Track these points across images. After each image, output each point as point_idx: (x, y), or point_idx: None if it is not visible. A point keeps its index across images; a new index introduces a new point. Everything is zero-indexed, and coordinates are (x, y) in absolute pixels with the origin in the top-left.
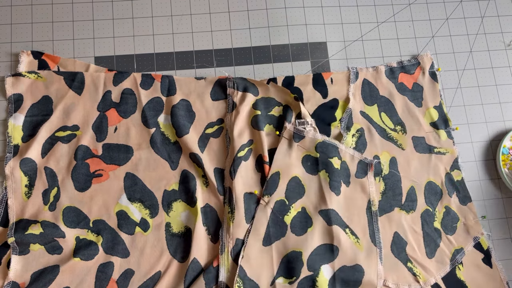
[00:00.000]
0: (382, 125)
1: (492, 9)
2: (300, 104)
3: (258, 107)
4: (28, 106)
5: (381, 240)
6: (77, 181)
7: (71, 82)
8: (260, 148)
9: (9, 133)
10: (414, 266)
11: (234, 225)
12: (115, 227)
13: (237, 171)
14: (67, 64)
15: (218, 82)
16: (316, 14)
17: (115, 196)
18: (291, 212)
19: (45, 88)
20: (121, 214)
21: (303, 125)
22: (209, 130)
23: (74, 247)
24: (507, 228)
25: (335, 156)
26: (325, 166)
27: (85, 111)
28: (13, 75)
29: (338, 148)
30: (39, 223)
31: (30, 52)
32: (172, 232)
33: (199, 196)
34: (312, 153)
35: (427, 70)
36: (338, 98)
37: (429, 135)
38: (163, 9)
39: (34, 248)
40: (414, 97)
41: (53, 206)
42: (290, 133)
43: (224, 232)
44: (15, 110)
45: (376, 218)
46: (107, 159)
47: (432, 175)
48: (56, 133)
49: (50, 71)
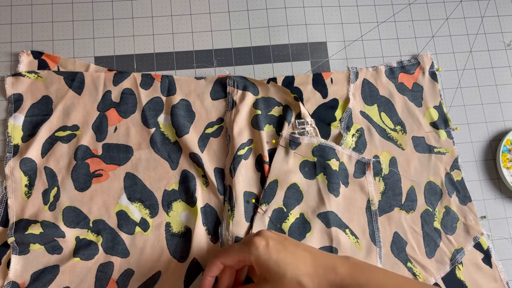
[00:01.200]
0: (382, 125)
1: (492, 9)
2: (300, 104)
3: (259, 107)
4: (28, 106)
5: (381, 239)
6: (77, 181)
7: (71, 82)
8: (259, 148)
9: (9, 133)
10: (414, 266)
11: (233, 223)
12: (115, 227)
13: (237, 169)
14: (67, 64)
15: (218, 81)
16: (316, 14)
17: (115, 196)
18: (289, 219)
19: (45, 88)
20: (121, 214)
21: (303, 125)
22: (209, 130)
23: (74, 247)
24: (507, 228)
25: (332, 157)
26: (323, 169)
27: (85, 111)
28: (13, 75)
29: (335, 149)
30: (39, 223)
31: (30, 52)
32: (172, 232)
33: (199, 196)
34: (310, 158)
35: (427, 70)
36: (338, 98)
37: (429, 135)
38: (163, 9)
39: (34, 248)
40: (414, 97)
41: (53, 206)
42: (286, 140)
43: (224, 230)
44: (15, 110)
45: (376, 218)
46: (107, 159)
47: (432, 175)
48: (56, 133)
49: (50, 71)
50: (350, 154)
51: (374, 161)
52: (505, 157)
